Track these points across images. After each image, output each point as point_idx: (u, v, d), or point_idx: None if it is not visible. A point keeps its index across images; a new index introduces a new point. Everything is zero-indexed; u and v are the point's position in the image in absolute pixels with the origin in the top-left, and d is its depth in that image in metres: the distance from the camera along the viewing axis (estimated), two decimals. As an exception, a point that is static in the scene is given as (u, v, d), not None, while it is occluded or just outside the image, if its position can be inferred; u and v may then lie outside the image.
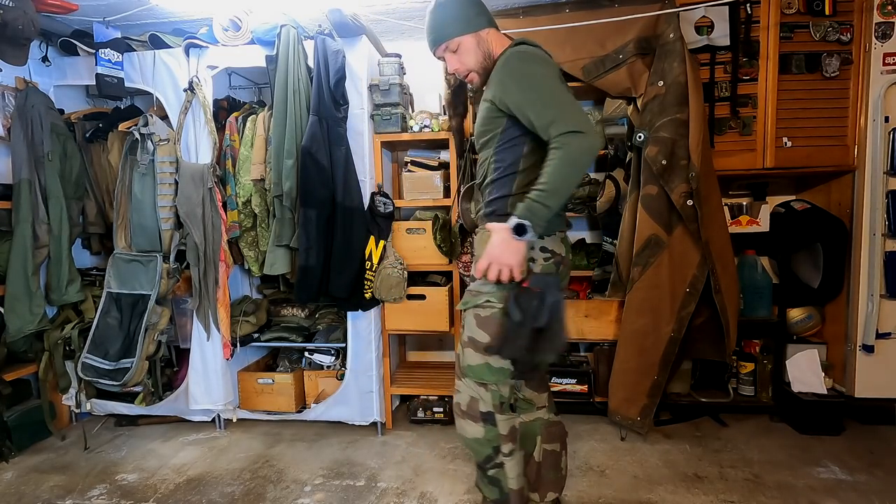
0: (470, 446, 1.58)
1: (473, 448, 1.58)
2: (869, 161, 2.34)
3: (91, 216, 2.62)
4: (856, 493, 1.93)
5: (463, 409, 1.55)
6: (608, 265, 2.51)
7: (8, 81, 2.39)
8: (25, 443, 2.45)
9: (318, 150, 2.20)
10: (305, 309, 2.73)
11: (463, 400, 1.55)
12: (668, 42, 2.22)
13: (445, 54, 1.53)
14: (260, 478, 2.16)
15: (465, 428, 1.56)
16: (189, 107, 2.40)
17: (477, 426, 1.53)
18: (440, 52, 1.54)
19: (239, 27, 2.35)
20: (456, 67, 1.53)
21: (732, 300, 2.32)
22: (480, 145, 1.56)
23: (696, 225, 2.20)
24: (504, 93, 1.41)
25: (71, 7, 2.20)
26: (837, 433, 2.36)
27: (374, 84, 2.40)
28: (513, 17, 2.44)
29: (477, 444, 1.55)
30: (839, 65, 2.35)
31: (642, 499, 1.94)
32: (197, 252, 2.38)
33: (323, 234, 2.25)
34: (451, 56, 1.52)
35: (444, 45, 1.52)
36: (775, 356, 2.56)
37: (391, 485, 2.08)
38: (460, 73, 1.54)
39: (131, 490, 2.10)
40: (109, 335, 2.38)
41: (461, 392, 1.55)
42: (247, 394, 2.61)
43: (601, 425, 2.52)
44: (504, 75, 1.42)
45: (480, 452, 1.57)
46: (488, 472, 1.58)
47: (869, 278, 2.38)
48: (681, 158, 2.18)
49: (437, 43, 1.53)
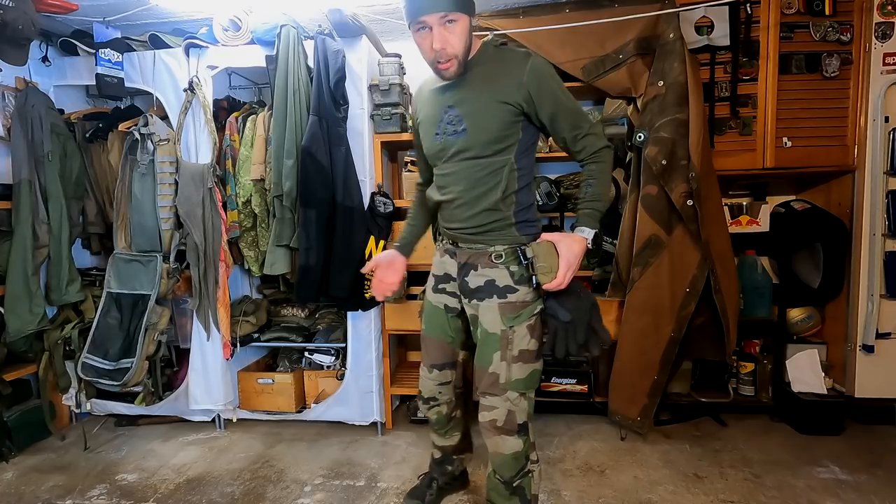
0: (506, 463, 1.52)
1: (509, 463, 1.52)
2: (869, 161, 2.34)
3: (91, 216, 2.62)
4: (856, 493, 1.93)
5: (498, 425, 1.49)
6: (608, 265, 2.51)
7: (8, 81, 2.39)
8: (25, 443, 2.45)
9: (318, 150, 2.20)
10: (305, 309, 2.73)
11: (499, 416, 1.48)
12: (668, 42, 2.22)
13: (442, 25, 1.30)
14: (260, 478, 2.16)
15: (501, 444, 1.51)
16: (189, 107, 2.40)
17: (514, 439, 1.50)
18: (437, 20, 1.30)
19: (239, 27, 2.35)
20: (443, 46, 1.31)
21: (732, 300, 2.31)
22: (488, 151, 1.40)
23: (696, 225, 2.20)
24: (541, 97, 1.37)
25: (71, 7, 2.20)
26: (837, 433, 2.36)
27: (374, 84, 2.40)
28: (513, 17, 2.44)
29: (514, 458, 1.51)
30: (839, 65, 2.35)
31: (642, 499, 1.94)
32: (197, 252, 2.38)
33: (323, 234, 2.25)
34: (444, 29, 1.30)
35: (450, 13, 1.29)
36: (775, 356, 2.56)
37: (391, 485, 2.08)
38: (443, 55, 1.33)
39: (131, 490, 2.10)
40: (109, 335, 2.38)
41: (497, 408, 1.48)
42: (247, 394, 2.61)
43: (601, 425, 2.52)
44: (542, 81, 1.37)
45: (515, 466, 1.52)
46: (514, 483, 1.54)
47: (869, 278, 2.38)
48: (681, 158, 2.18)
49: (454, 3, 1.29)
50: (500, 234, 1.46)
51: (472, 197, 1.43)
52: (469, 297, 1.52)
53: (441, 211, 1.56)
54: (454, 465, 1.88)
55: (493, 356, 1.47)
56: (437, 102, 1.46)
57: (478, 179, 1.41)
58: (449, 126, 1.42)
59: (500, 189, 1.41)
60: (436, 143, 1.46)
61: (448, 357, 1.66)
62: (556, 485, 2.03)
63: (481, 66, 1.40)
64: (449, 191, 1.47)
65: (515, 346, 1.45)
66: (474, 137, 1.40)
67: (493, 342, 1.47)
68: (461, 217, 1.47)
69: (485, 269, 1.47)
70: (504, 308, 1.45)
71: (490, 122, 1.38)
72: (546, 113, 1.40)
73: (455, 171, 1.44)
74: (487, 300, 1.47)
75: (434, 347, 1.65)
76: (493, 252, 1.46)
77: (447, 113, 1.42)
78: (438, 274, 1.62)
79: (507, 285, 1.45)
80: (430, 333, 1.66)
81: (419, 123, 1.56)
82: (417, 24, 1.33)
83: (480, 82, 1.40)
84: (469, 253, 1.50)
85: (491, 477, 1.58)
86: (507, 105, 1.37)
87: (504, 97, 1.37)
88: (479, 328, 1.50)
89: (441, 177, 1.50)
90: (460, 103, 1.40)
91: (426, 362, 1.67)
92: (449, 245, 1.58)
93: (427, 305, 1.67)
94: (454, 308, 1.60)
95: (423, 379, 1.70)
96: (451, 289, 1.59)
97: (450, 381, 1.68)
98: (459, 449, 1.85)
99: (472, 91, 1.40)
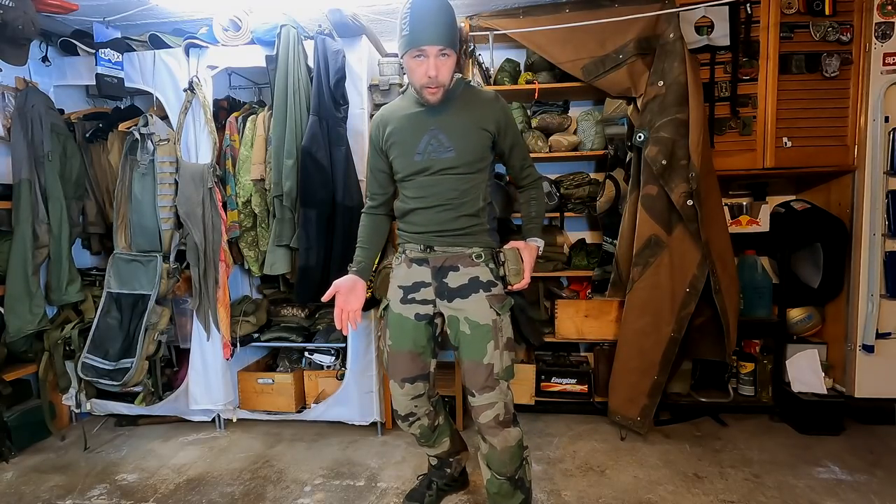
0: (515, 455, 1.56)
1: (516, 454, 1.56)
2: (869, 161, 2.35)
3: (91, 216, 2.62)
4: (856, 493, 1.93)
5: (501, 419, 1.53)
6: (608, 265, 2.51)
7: (8, 81, 2.39)
8: (25, 443, 2.45)
9: (318, 150, 2.20)
10: (305, 309, 2.73)
11: (500, 410, 1.53)
12: (668, 42, 2.22)
13: (438, 57, 1.45)
14: (260, 478, 2.16)
15: (508, 437, 1.55)
16: (189, 107, 2.40)
17: (515, 429, 1.57)
18: (436, 52, 1.44)
19: (239, 27, 2.35)
20: (435, 74, 1.45)
21: (732, 300, 2.32)
22: (472, 168, 1.55)
23: (696, 225, 2.20)
24: (506, 130, 1.60)
25: (71, 7, 2.20)
26: (837, 433, 2.36)
27: (374, 84, 2.40)
28: (513, 17, 2.44)
29: (518, 448, 1.57)
30: (839, 65, 2.35)
31: (642, 499, 1.94)
32: (197, 252, 2.38)
33: (323, 234, 2.25)
34: (439, 61, 1.45)
35: (446, 48, 1.45)
36: (775, 356, 2.56)
37: (391, 485, 2.08)
38: (434, 82, 1.46)
39: (131, 490, 2.10)
40: (109, 335, 2.38)
41: (496, 403, 1.53)
42: (247, 394, 2.61)
43: (601, 425, 2.52)
44: (509, 117, 1.61)
45: (519, 455, 1.57)
46: (516, 476, 1.57)
47: (869, 278, 2.38)
48: (681, 158, 2.18)
49: (450, 42, 1.45)
50: (477, 238, 1.60)
51: (457, 203, 1.56)
52: (450, 298, 1.58)
53: (413, 217, 1.61)
54: (452, 467, 1.88)
55: (487, 346, 1.54)
56: (418, 126, 1.56)
57: (463, 190, 1.55)
58: (433, 146, 1.54)
59: (479, 199, 1.58)
60: (416, 162, 1.56)
61: (419, 369, 1.64)
62: (556, 485, 2.03)
63: (458, 97, 1.57)
64: (429, 200, 1.57)
65: (504, 333, 1.57)
66: (461, 156, 1.54)
67: (484, 332, 1.54)
68: (443, 219, 1.57)
69: (468, 269, 1.58)
70: (492, 300, 1.56)
71: (474, 144, 1.55)
72: (508, 143, 1.63)
73: (438, 183, 1.56)
74: (474, 295, 1.56)
75: (403, 361, 1.63)
76: (472, 253, 1.58)
77: (430, 135, 1.54)
78: (405, 285, 1.63)
79: (490, 280, 1.58)
80: (398, 347, 1.64)
81: (390, 145, 1.60)
82: (416, 52, 1.46)
83: (461, 110, 1.55)
84: (446, 256, 1.58)
85: (492, 480, 1.58)
86: (485, 131, 1.56)
87: (483, 124, 1.55)
88: (466, 324, 1.56)
89: (419, 188, 1.58)
90: (444, 127, 1.54)
91: (396, 377, 1.65)
92: (418, 253, 1.61)
93: (394, 319, 1.65)
94: (425, 315, 1.62)
95: (395, 397, 1.68)
96: (422, 296, 1.61)
97: (423, 394, 1.68)
98: (454, 451, 1.86)
99: (455, 117, 1.55)
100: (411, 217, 1.61)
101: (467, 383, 1.57)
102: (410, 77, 1.52)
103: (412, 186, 1.59)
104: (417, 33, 1.43)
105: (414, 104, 1.58)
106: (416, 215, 1.60)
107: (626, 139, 2.39)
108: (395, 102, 1.67)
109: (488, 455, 1.58)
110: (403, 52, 1.48)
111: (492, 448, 1.56)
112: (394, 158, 1.60)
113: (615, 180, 2.48)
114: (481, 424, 1.55)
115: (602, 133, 2.58)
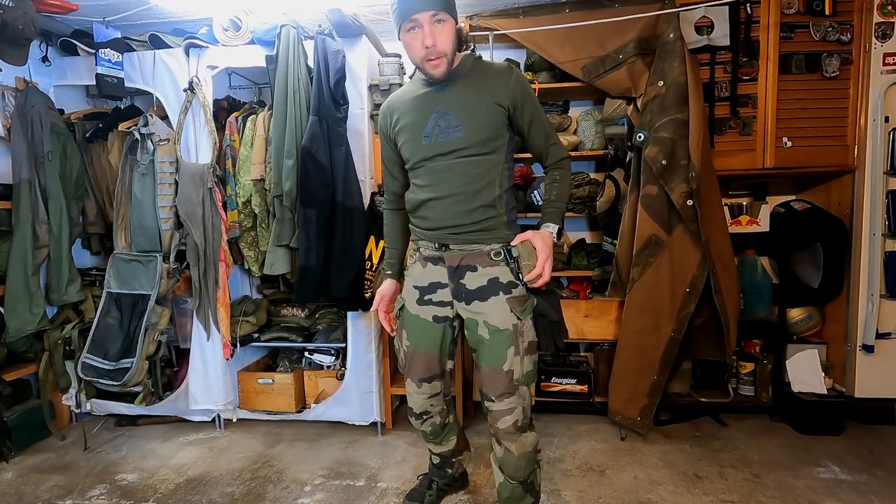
0: (530, 461, 1.51)
1: (531, 459, 1.51)
2: (869, 161, 2.35)
3: (91, 216, 2.62)
4: (856, 493, 1.93)
5: (520, 424, 1.47)
6: (608, 265, 2.51)
7: (8, 81, 2.39)
8: (25, 443, 2.45)
9: (318, 149, 2.20)
10: (305, 309, 2.73)
11: (519, 416, 1.47)
12: (668, 42, 2.22)
13: (432, 24, 1.35)
14: (260, 478, 2.16)
15: (525, 443, 1.48)
16: (189, 107, 2.40)
17: (532, 434, 1.51)
18: (428, 18, 1.34)
19: (239, 27, 2.35)
20: (432, 42, 1.35)
21: (732, 300, 2.32)
22: (485, 149, 1.43)
23: (696, 225, 2.20)
24: (523, 104, 1.46)
25: (71, 7, 2.20)
26: (837, 433, 2.36)
27: (374, 84, 2.40)
28: (513, 17, 2.44)
29: (534, 452, 1.52)
30: (839, 65, 2.35)
31: (642, 499, 1.94)
32: (197, 252, 2.38)
33: (323, 234, 2.25)
34: (434, 28, 1.35)
35: (440, 12, 1.35)
36: (775, 356, 2.56)
37: (391, 485, 2.08)
38: (433, 52, 1.36)
39: (131, 490, 2.10)
40: (109, 335, 2.37)
41: (516, 408, 1.46)
42: (247, 394, 2.61)
43: (601, 425, 2.52)
44: (525, 90, 1.47)
45: (533, 459, 1.52)
46: (528, 480, 1.52)
47: (869, 278, 2.38)
48: (681, 158, 2.18)
49: (444, 4, 1.35)
50: (495, 234, 1.47)
51: (469, 192, 1.43)
52: (468, 300, 1.48)
53: (425, 212, 1.49)
54: (454, 468, 1.87)
55: (507, 352, 1.44)
56: (424, 107, 1.46)
57: (476, 175, 1.43)
58: (440, 127, 1.43)
59: (496, 186, 1.45)
60: (424, 146, 1.46)
61: (436, 369, 1.59)
62: (556, 485, 2.03)
63: (466, 74, 1.46)
64: (440, 188, 1.45)
65: (525, 338, 1.47)
66: (471, 136, 1.42)
67: (505, 338, 1.44)
68: (457, 212, 1.44)
69: (486, 269, 1.45)
70: (513, 303, 1.45)
71: (485, 121, 1.42)
72: (526, 119, 1.48)
73: (449, 168, 1.44)
74: (493, 298, 1.45)
75: (421, 362, 1.58)
76: (490, 250, 1.46)
77: (438, 115, 1.44)
78: (422, 285, 1.55)
79: (511, 281, 1.46)
80: (417, 348, 1.58)
81: (397, 131, 1.51)
82: (409, 24, 1.36)
83: (470, 86, 1.44)
84: (462, 255, 1.47)
85: (504, 484, 1.52)
86: (498, 106, 1.43)
87: (495, 99, 1.43)
88: (485, 328, 1.46)
89: (428, 175, 1.47)
90: (453, 106, 1.43)
91: (413, 377, 1.60)
92: (433, 252, 1.52)
93: (411, 320, 1.58)
94: (444, 317, 1.55)
95: (411, 395, 1.63)
96: (439, 297, 1.53)
97: (439, 392, 1.64)
98: (458, 450, 1.85)
99: (463, 94, 1.44)
100: (423, 211, 1.49)
101: (485, 389, 1.48)
102: (410, 55, 1.42)
103: (422, 174, 1.48)
104: (407, 2, 1.34)
105: (421, 85, 1.47)
106: (427, 209, 1.48)
107: (626, 139, 2.39)
108: (402, 88, 1.57)
109: (503, 459, 1.51)
110: (398, 29, 1.39)
111: (507, 453, 1.49)
112: (402, 144, 1.51)
113: (615, 180, 2.48)
114: (499, 430, 1.48)
115: (602, 133, 2.58)
